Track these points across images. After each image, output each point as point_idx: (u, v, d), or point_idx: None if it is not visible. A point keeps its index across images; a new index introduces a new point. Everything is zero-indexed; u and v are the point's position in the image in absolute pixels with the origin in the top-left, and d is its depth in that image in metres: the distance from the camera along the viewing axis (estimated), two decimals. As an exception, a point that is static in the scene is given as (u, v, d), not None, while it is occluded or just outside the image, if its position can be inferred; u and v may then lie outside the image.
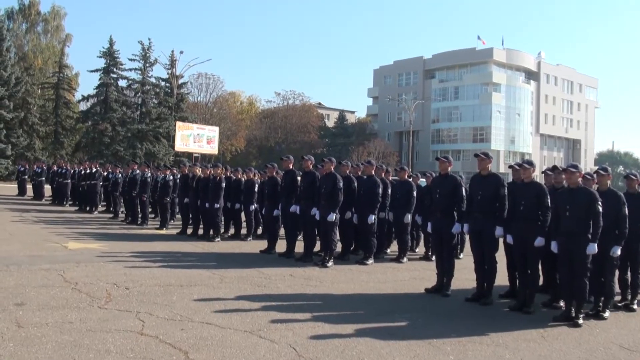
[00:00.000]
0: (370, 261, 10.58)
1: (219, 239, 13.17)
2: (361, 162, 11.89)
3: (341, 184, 10.10)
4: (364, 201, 10.55)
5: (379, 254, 11.37)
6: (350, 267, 10.14)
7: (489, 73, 72.52)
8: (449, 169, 8.41)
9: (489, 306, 7.46)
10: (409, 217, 11.16)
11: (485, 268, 7.67)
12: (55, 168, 25.51)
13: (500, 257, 7.83)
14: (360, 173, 11.47)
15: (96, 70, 52.36)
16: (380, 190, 10.59)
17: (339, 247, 10.87)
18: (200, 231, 13.91)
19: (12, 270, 8.24)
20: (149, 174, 16.62)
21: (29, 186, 27.90)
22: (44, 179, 25.81)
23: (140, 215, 16.28)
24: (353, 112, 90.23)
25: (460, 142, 73.19)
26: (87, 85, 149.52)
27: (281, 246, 11.51)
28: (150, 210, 17.42)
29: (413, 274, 9.73)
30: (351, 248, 11.49)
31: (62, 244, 11.27)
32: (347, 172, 11.05)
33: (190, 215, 14.58)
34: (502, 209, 7.52)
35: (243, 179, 14.07)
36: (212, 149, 48.68)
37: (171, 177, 15.54)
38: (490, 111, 71.24)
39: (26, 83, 48.34)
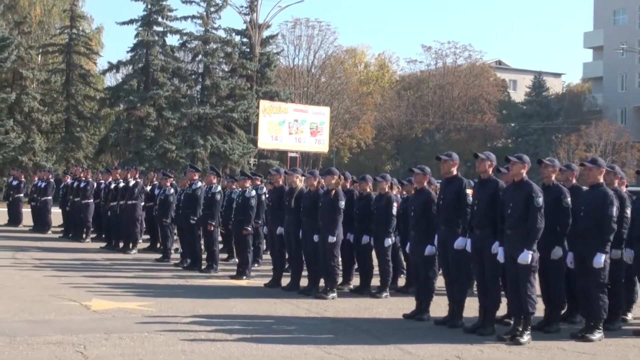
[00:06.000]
0: (598, 335, 10.29)
1: (334, 294, 13.31)
2: (579, 162, 11.60)
3: (541, 200, 9.94)
4: (586, 229, 10.31)
5: (614, 322, 11.06)
6: (562, 344, 9.96)
7: None
8: None
9: None
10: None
11: None
12: (68, 180, 26.16)
13: None
14: (575, 180, 11.21)
15: (131, 22, 53.42)
16: (615, 210, 10.26)
17: (539, 311, 10.67)
18: (304, 281, 14.15)
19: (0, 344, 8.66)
20: (219, 189, 17.10)
21: (26, 210, 28.91)
22: (50, 198, 26.80)
23: (205, 255, 16.81)
24: (558, 76, 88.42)
25: None
26: (116, 46, 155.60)
27: (440, 308, 11.49)
28: (221, 246, 17.95)
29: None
30: (562, 311, 11.29)
31: (82, 303, 11.83)
32: (553, 177, 10.86)
33: (287, 256, 14.86)
34: None
35: (373, 194, 14.18)
36: (321, 144, 49.29)
37: (254, 193, 15.89)
38: None
39: (18, 46, 50.11)
